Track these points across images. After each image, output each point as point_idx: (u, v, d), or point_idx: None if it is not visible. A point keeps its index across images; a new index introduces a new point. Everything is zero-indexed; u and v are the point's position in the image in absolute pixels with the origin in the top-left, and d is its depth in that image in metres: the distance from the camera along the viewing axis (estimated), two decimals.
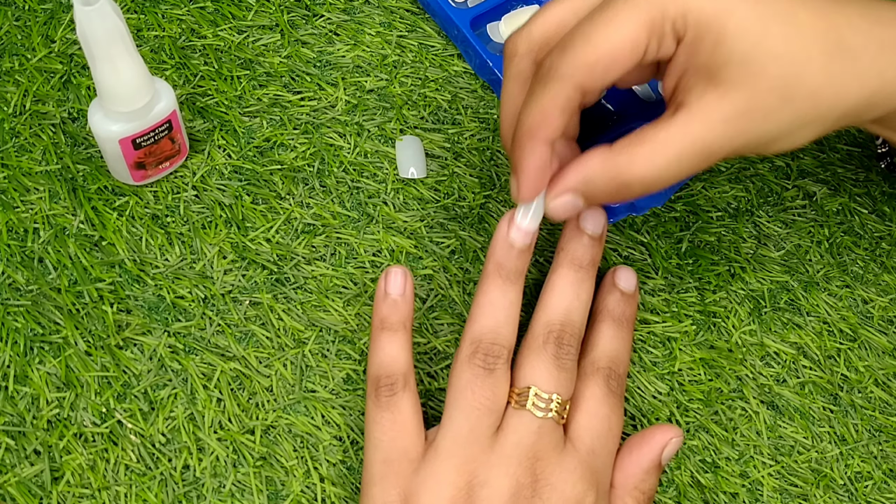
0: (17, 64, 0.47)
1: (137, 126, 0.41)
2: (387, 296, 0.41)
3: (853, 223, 0.50)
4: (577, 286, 0.41)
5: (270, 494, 0.40)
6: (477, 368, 0.38)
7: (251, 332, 0.43)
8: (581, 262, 0.41)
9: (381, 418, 0.38)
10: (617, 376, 0.40)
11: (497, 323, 0.39)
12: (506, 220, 0.40)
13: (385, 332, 0.40)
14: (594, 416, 0.39)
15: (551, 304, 0.41)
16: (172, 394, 0.41)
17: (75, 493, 0.39)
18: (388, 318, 0.40)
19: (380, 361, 0.40)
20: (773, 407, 0.45)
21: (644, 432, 0.41)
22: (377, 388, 0.39)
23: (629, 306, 0.43)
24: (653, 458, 0.40)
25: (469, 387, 0.38)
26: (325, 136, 0.48)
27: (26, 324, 0.41)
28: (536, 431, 0.38)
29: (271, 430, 0.41)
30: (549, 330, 0.40)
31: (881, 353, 0.47)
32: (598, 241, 0.42)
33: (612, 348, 0.41)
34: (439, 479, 0.37)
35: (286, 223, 0.45)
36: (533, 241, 0.40)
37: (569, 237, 0.42)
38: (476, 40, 0.49)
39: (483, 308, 0.40)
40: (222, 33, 0.50)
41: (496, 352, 0.39)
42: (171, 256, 0.44)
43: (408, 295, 0.41)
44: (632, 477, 0.39)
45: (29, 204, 0.44)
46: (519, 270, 0.40)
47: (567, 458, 0.38)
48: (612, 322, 0.42)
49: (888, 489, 0.44)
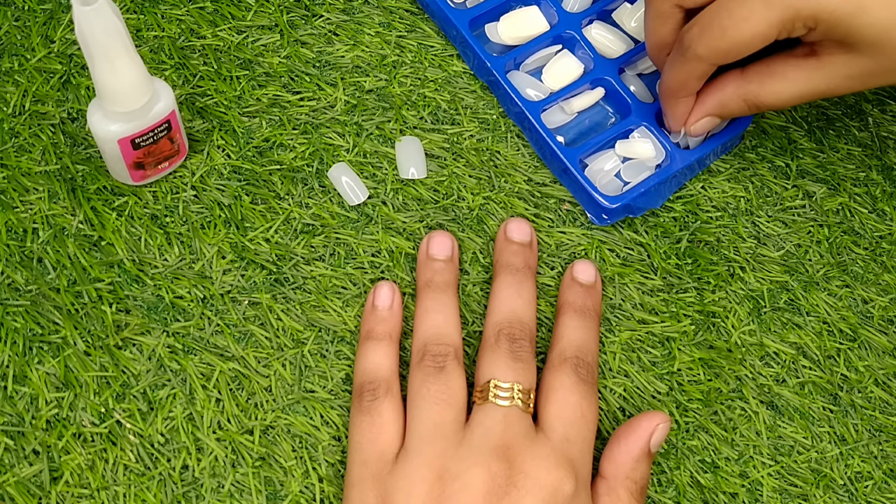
0: (17, 64, 0.47)
1: (136, 126, 0.41)
2: (374, 308, 0.43)
3: (853, 223, 0.50)
4: (517, 287, 0.43)
5: (269, 494, 0.40)
6: (427, 369, 0.40)
7: (250, 333, 0.43)
8: (516, 266, 0.44)
9: (361, 422, 0.39)
10: (585, 364, 0.41)
11: (437, 325, 0.41)
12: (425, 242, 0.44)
13: (370, 341, 0.41)
14: (564, 405, 0.39)
15: (496, 307, 0.42)
16: (171, 394, 0.41)
17: (74, 493, 0.39)
18: (374, 329, 0.42)
19: (363, 369, 0.41)
20: (773, 407, 0.45)
21: (630, 421, 0.41)
22: (360, 393, 0.40)
23: (590, 297, 0.44)
24: (642, 447, 0.40)
25: (423, 385, 0.39)
26: (324, 137, 0.48)
27: (25, 324, 0.41)
28: (502, 420, 0.38)
29: (270, 431, 0.41)
30: (499, 329, 0.41)
31: (881, 353, 0.47)
32: (528, 247, 0.45)
33: (577, 338, 0.42)
34: (412, 477, 0.37)
35: (285, 223, 0.45)
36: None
37: (500, 248, 0.45)
38: (474, 41, 0.49)
39: (421, 315, 0.42)
40: (221, 33, 0.50)
41: (442, 350, 0.40)
42: (170, 256, 0.44)
43: (395, 308, 0.43)
44: (622, 466, 0.39)
45: (28, 204, 0.44)
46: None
47: (539, 446, 0.38)
48: (573, 313, 0.43)
49: (888, 489, 0.44)
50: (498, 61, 0.49)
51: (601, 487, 0.39)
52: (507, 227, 0.45)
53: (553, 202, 0.48)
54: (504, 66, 0.49)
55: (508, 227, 0.45)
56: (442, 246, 0.44)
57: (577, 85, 0.49)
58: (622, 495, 0.39)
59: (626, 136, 0.48)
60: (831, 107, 0.53)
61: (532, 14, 0.51)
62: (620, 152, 0.48)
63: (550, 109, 0.49)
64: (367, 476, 0.38)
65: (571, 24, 0.50)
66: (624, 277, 0.46)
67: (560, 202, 0.48)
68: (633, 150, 0.48)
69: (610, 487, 0.39)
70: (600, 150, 0.48)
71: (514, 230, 0.45)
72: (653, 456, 0.40)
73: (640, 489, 0.39)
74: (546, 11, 0.51)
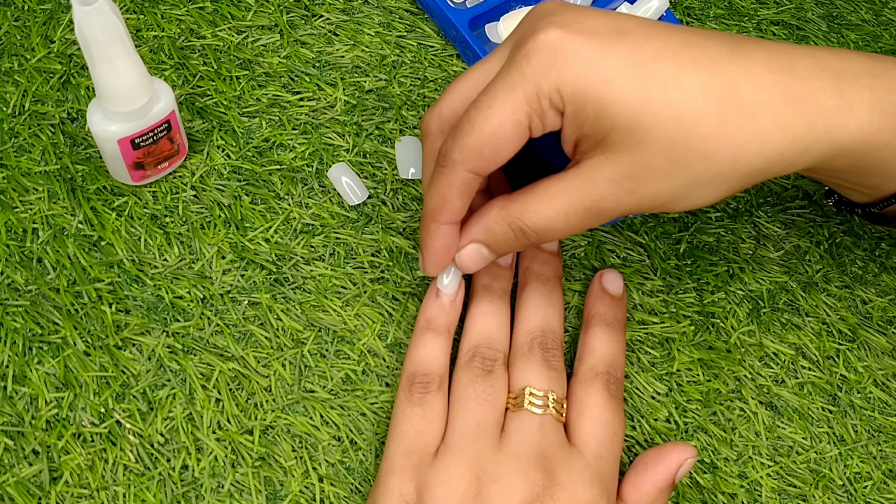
0: (17, 64, 0.47)
1: (136, 126, 0.41)
2: (439, 297, 0.42)
3: (852, 223, 0.50)
4: (548, 296, 0.43)
5: (269, 494, 0.40)
6: (476, 370, 0.40)
7: (250, 333, 0.43)
8: (546, 276, 0.43)
9: (412, 412, 0.39)
10: (615, 380, 0.41)
11: (491, 329, 0.41)
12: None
13: (430, 332, 0.41)
14: (598, 422, 0.39)
15: (529, 315, 0.42)
16: (171, 394, 0.41)
17: (74, 493, 0.39)
18: (435, 320, 0.42)
19: (419, 359, 0.41)
20: (772, 407, 0.45)
21: (659, 449, 0.40)
22: (412, 383, 0.40)
23: (619, 309, 0.44)
24: (668, 477, 0.39)
25: (471, 384, 0.39)
26: (324, 137, 0.48)
27: (25, 324, 0.41)
28: (539, 429, 0.38)
29: (270, 431, 0.41)
30: (531, 337, 0.41)
31: (880, 354, 0.47)
32: (556, 256, 0.45)
33: (608, 352, 0.42)
34: (451, 472, 0.37)
35: (285, 223, 0.45)
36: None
37: (530, 256, 0.44)
38: (474, 41, 0.49)
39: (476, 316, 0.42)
40: (221, 33, 0.50)
41: (492, 355, 0.40)
42: (170, 256, 0.44)
43: (458, 302, 0.42)
44: (646, 495, 0.39)
45: (28, 204, 0.44)
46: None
47: (574, 460, 0.38)
48: (604, 326, 0.43)
49: (887, 489, 0.44)
50: None
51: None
52: None
53: None
54: None
55: None
56: (508, 255, 0.43)
57: None
58: None
59: None
60: None
61: None
62: None
63: None
64: (409, 466, 0.38)
65: None
66: (624, 278, 0.46)
67: None
68: None
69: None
70: None
71: None
72: (674, 487, 0.40)
73: None
74: None
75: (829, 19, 0.56)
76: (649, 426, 0.43)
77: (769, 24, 0.55)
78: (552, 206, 0.36)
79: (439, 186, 0.37)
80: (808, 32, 0.55)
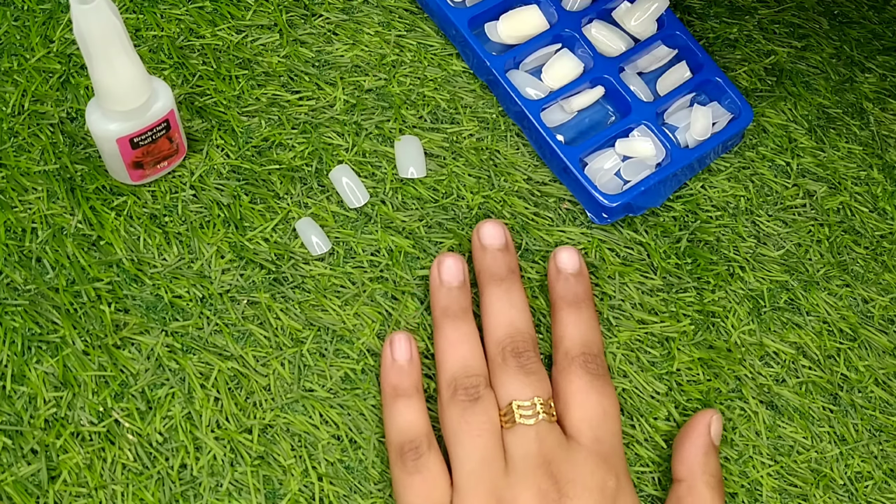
0: (16, 64, 0.47)
1: (135, 125, 0.41)
2: (395, 363, 0.42)
3: (853, 222, 0.50)
4: (507, 295, 0.42)
5: (268, 493, 0.40)
6: (462, 403, 0.40)
7: (249, 332, 0.43)
8: (501, 275, 0.43)
9: (412, 482, 0.39)
10: (593, 357, 0.41)
11: (464, 357, 0.41)
12: (436, 267, 0.43)
13: (400, 398, 0.41)
14: (586, 408, 0.40)
15: (492, 323, 0.42)
16: (170, 393, 0.41)
17: (72, 492, 0.39)
18: (400, 385, 0.41)
19: (399, 428, 0.40)
20: (773, 407, 0.45)
21: (686, 424, 0.42)
22: (402, 454, 0.39)
23: (579, 284, 0.43)
24: (705, 441, 0.41)
25: (462, 419, 0.39)
26: (323, 136, 0.48)
27: (24, 323, 0.41)
28: (535, 438, 0.39)
29: (269, 430, 0.41)
30: (501, 347, 0.41)
31: (881, 353, 0.47)
32: (506, 250, 0.44)
33: (579, 332, 0.42)
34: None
35: (284, 222, 0.45)
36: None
37: (479, 258, 0.44)
38: (474, 40, 0.49)
39: (445, 348, 0.42)
40: (221, 33, 0.50)
41: (473, 382, 0.40)
42: (169, 256, 0.44)
43: (415, 359, 0.42)
44: (695, 465, 0.40)
45: (27, 204, 0.44)
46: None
47: (575, 453, 0.39)
48: (566, 307, 0.43)
49: (888, 489, 0.44)
50: (497, 60, 0.49)
51: (681, 490, 0.40)
52: (480, 234, 0.44)
53: (553, 201, 0.48)
54: (504, 65, 0.49)
55: (481, 232, 0.44)
56: (454, 272, 0.43)
57: (576, 84, 0.49)
58: (703, 491, 0.40)
59: (626, 135, 0.48)
60: (832, 106, 0.53)
61: (532, 13, 0.50)
62: (620, 151, 0.48)
63: (550, 108, 0.49)
64: None
65: (571, 22, 0.50)
66: (624, 277, 0.46)
67: (560, 201, 0.48)
68: (633, 148, 0.48)
69: (690, 486, 0.40)
70: (600, 148, 0.48)
71: (487, 235, 0.44)
72: (717, 448, 0.41)
73: (718, 481, 0.40)
74: (546, 10, 0.51)
75: (830, 17, 0.56)
76: (649, 425, 0.43)
77: (770, 23, 0.55)
78: None
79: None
80: (810, 31, 0.55)
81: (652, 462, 0.43)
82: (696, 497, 0.40)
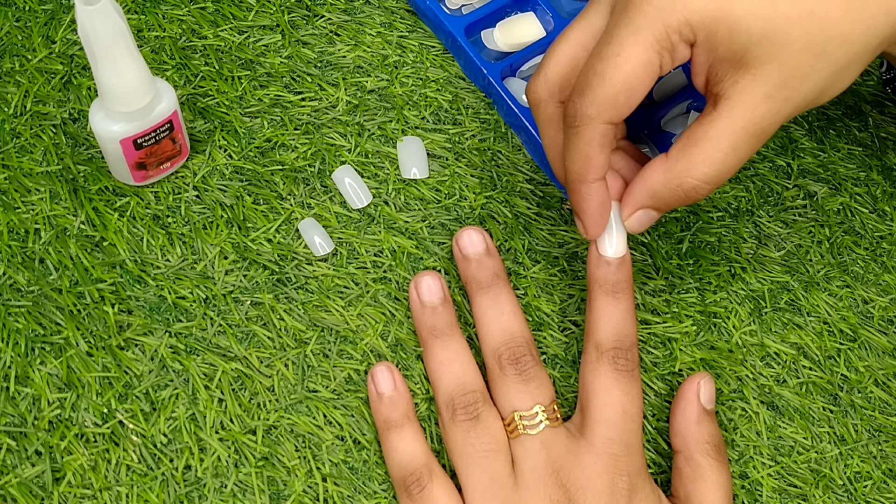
0: (18, 65, 0.47)
1: (138, 126, 0.41)
2: (381, 397, 0.41)
3: (854, 223, 0.50)
4: (496, 302, 0.42)
5: (272, 494, 0.40)
6: (464, 423, 0.40)
7: (252, 333, 0.43)
8: (486, 282, 0.42)
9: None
10: (624, 352, 0.40)
11: (458, 375, 0.41)
12: (414, 289, 0.43)
13: (392, 430, 0.40)
14: (605, 407, 0.39)
15: (487, 331, 0.42)
16: (174, 394, 0.41)
17: (77, 493, 0.39)
18: (391, 418, 0.41)
19: (398, 462, 0.40)
20: (773, 407, 0.45)
21: (676, 393, 0.42)
22: (406, 487, 0.39)
23: (620, 271, 0.41)
24: (695, 408, 0.40)
25: (467, 441, 0.39)
26: (325, 137, 0.48)
27: (27, 324, 0.41)
28: (542, 447, 0.39)
29: (273, 430, 0.41)
30: (498, 356, 0.41)
31: (881, 354, 0.47)
32: (487, 255, 0.43)
33: (612, 325, 0.40)
34: None
35: (287, 223, 0.45)
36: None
37: (462, 267, 0.43)
38: (470, 47, 0.49)
39: (437, 369, 0.41)
40: (223, 34, 0.50)
41: (471, 399, 0.40)
42: (173, 257, 0.44)
43: (400, 387, 0.41)
44: (687, 434, 0.40)
45: (30, 205, 0.44)
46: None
47: (584, 455, 0.38)
48: (603, 295, 0.41)
49: (887, 489, 0.44)
50: (494, 67, 0.49)
51: (679, 462, 0.40)
52: (459, 243, 0.43)
53: (555, 201, 0.48)
54: (500, 73, 0.49)
55: (460, 242, 0.43)
56: (433, 289, 0.42)
57: None
58: (700, 460, 0.39)
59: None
60: (831, 107, 0.53)
61: (528, 20, 0.50)
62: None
63: None
64: None
65: None
66: None
67: (562, 201, 0.48)
68: None
69: (686, 458, 0.40)
70: None
71: (467, 243, 0.43)
72: (712, 413, 0.41)
73: (716, 447, 0.40)
74: (542, 18, 0.51)
75: None
76: (651, 426, 0.43)
77: None
78: (718, 148, 0.36)
79: (579, 146, 0.37)
80: None
81: (654, 463, 0.43)
82: (694, 467, 0.39)
